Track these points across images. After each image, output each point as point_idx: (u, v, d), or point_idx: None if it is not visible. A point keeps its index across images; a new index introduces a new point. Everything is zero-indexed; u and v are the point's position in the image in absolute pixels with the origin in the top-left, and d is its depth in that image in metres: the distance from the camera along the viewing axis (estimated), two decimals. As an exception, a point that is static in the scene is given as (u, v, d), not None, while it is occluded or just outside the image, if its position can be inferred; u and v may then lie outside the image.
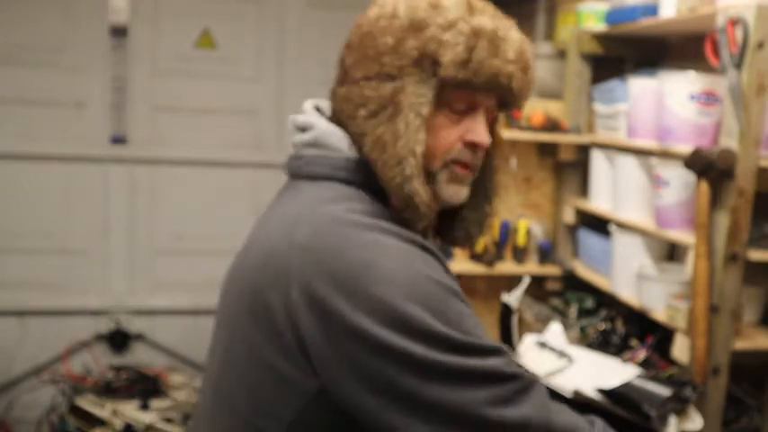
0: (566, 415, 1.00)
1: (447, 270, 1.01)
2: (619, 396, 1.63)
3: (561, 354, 1.90)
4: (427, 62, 0.97)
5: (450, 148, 1.01)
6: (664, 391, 1.66)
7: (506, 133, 2.54)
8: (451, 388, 0.89)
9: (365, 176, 1.00)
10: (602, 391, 1.65)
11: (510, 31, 1.01)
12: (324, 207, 0.96)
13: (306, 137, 1.04)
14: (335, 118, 1.05)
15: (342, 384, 0.91)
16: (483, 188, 1.11)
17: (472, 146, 1.01)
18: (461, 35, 0.96)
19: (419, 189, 0.97)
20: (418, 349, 0.88)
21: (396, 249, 0.93)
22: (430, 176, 1.01)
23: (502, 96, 1.03)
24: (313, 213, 0.96)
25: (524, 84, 1.02)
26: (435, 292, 0.92)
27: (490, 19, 1.00)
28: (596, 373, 1.79)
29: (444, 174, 1.02)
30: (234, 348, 1.00)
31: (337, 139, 1.02)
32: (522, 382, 0.94)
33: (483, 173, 1.10)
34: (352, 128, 1.01)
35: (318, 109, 1.09)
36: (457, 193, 1.04)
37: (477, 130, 1.01)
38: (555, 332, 2.07)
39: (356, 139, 1.01)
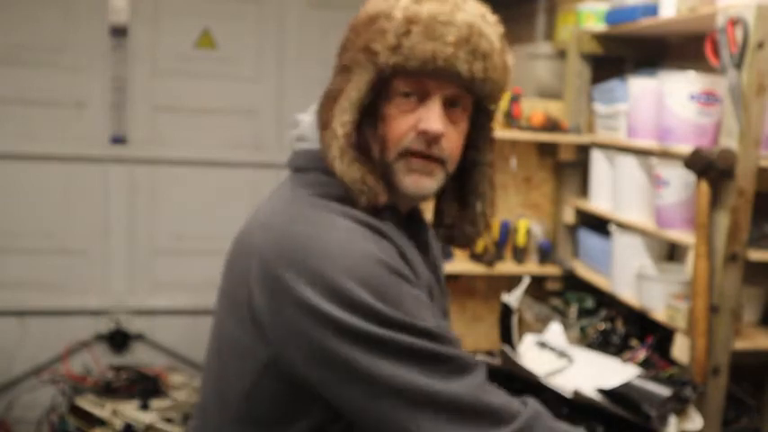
0: (499, 397, 1.01)
1: (403, 256, 1.02)
2: (619, 396, 1.63)
3: (561, 354, 1.90)
4: (368, 52, 1.00)
5: (401, 138, 1.01)
6: (664, 391, 1.66)
7: (506, 133, 2.54)
8: (386, 361, 0.92)
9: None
10: (602, 391, 1.65)
11: (456, 16, 0.99)
12: (294, 191, 1.03)
13: (294, 132, 1.11)
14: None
15: (289, 354, 0.95)
16: (474, 186, 1.11)
17: (425, 134, 1.00)
18: (394, 22, 0.99)
19: (344, 169, 0.99)
20: (355, 321, 0.91)
21: (344, 228, 0.97)
22: (388, 168, 1.02)
23: (463, 85, 1.01)
24: (281, 196, 1.04)
25: (477, 68, 0.99)
26: (377, 271, 0.94)
27: (436, 4, 0.99)
28: (596, 373, 1.79)
29: (401, 164, 1.02)
30: (215, 327, 1.08)
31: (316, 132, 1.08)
32: (458, 363, 0.97)
33: (473, 171, 1.10)
34: (321, 119, 1.07)
35: None
36: (417, 183, 1.02)
37: (429, 118, 1.00)
38: (555, 332, 2.07)
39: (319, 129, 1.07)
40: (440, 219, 1.14)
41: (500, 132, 2.53)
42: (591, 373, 1.79)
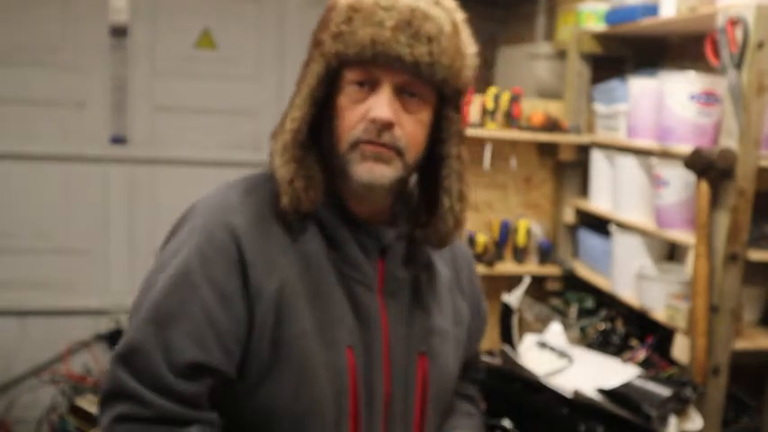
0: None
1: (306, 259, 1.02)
2: (619, 396, 1.63)
3: (561, 354, 1.90)
4: (317, 44, 1.01)
5: (352, 128, 0.99)
6: (664, 391, 1.66)
7: (506, 133, 2.54)
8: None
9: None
10: (602, 392, 1.65)
11: (399, 2, 0.97)
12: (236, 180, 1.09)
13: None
14: None
15: None
16: (441, 182, 1.06)
17: (373, 122, 0.97)
18: (338, 12, 0.98)
19: (279, 166, 0.99)
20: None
21: (213, 200, 1.04)
22: (343, 161, 1.00)
23: (412, 71, 0.97)
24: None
25: (420, 52, 0.96)
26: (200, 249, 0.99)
27: None
28: (596, 373, 1.79)
29: (354, 155, 0.99)
30: None
31: None
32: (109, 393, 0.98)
33: (440, 166, 1.06)
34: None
35: None
36: (371, 170, 0.98)
37: (377, 107, 0.97)
38: (555, 332, 2.07)
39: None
40: (414, 219, 1.10)
41: (500, 132, 2.53)
42: (591, 373, 1.79)
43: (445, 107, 1.04)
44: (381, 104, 0.97)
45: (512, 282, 2.22)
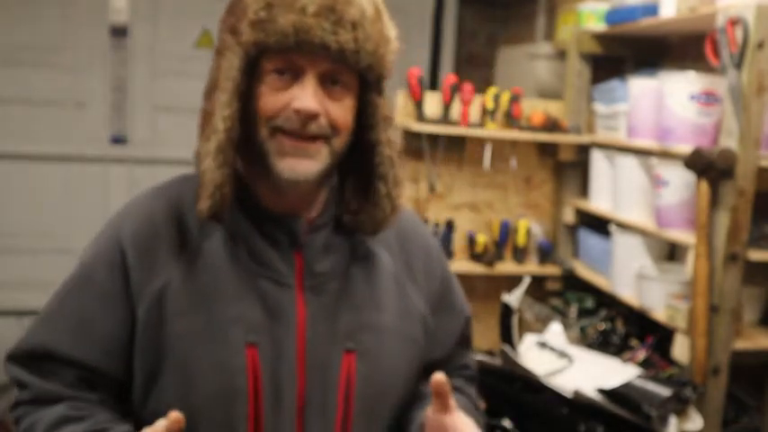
0: None
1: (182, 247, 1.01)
2: (619, 396, 1.64)
3: (561, 354, 1.90)
4: (233, 33, 0.96)
5: (273, 115, 0.94)
6: (664, 391, 1.67)
7: (506, 133, 2.54)
8: None
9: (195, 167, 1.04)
10: (601, 392, 1.66)
11: None
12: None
13: None
14: None
15: None
16: (374, 168, 1.03)
17: (298, 113, 0.93)
18: (257, 1, 0.93)
19: (211, 168, 0.94)
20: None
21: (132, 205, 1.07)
22: (260, 149, 0.96)
23: (336, 59, 0.94)
24: None
25: (345, 39, 0.93)
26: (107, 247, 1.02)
27: None
28: (597, 373, 1.79)
29: (272, 144, 0.95)
30: None
31: None
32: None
33: (371, 153, 1.03)
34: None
35: None
36: (292, 167, 0.95)
37: (301, 97, 0.93)
38: (555, 332, 2.07)
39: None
40: (346, 208, 1.06)
41: (500, 132, 2.53)
42: (591, 373, 1.80)
43: (368, 92, 1.01)
44: (306, 95, 0.93)
45: (512, 282, 2.22)
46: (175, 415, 0.85)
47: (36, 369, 1.01)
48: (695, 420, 1.70)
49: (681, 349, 1.93)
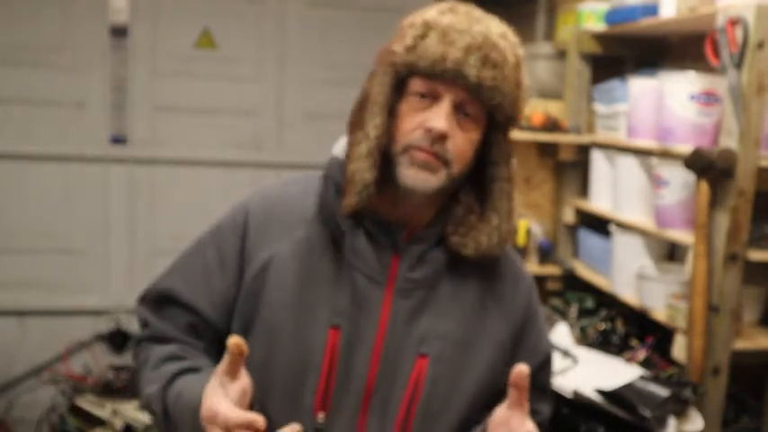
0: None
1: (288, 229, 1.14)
2: (616, 397, 1.63)
3: (566, 354, 1.91)
4: (389, 53, 1.08)
5: (408, 133, 1.06)
6: (662, 391, 1.66)
7: (506, 133, 2.54)
8: None
9: (331, 169, 1.15)
10: (600, 392, 1.66)
11: (474, 27, 1.05)
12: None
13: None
14: None
15: None
16: (493, 201, 1.13)
17: (429, 132, 1.04)
18: (414, 28, 1.07)
19: (362, 168, 1.06)
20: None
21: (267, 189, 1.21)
22: (393, 161, 1.07)
23: (472, 91, 1.05)
24: None
25: (485, 75, 1.04)
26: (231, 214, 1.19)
27: (459, 17, 1.06)
28: (601, 373, 1.79)
29: (405, 158, 1.06)
30: None
31: (339, 143, 1.18)
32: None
33: (492, 186, 1.13)
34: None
35: None
36: (415, 176, 1.06)
37: (434, 118, 1.04)
38: (561, 333, 2.08)
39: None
40: (454, 230, 1.14)
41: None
42: (596, 373, 1.80)
43: (496, 132, 1.11)
44: (439, 116, 1.04)
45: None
46: (235, 339, 0.95)
47: (158, 311, 1.18)
48: (695, 421, 1.69)
49: (681, 349, 1.93)
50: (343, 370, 1.08)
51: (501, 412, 1.05)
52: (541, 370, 1.24)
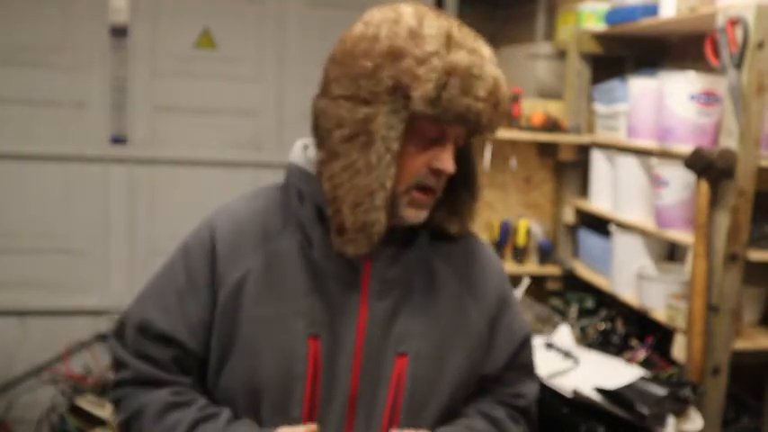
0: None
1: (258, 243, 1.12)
2: (615, 396, 1.64)
3: (567, 355, 1.91)
4: (400, 94, 1.00)
5: (415, 173, 1.06)
6: (660, 390, 1.67)
7: (507, 133, 2.54)
8: None
9: (292, 177, 1.15)
10: (599, 391, 1.66)
11: (485, 68, 1.03)
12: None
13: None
14: (315, 130, 1.11)
15: None
16: (463, 181, 1.15)
17: (438, 173, 1.06)
18: (434, 72, 0.98)
19: (381, 219, 1.04)
20: None
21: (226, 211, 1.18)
22: (395, 198, 1.06)
23: (472, 128, 1.06)
24: None
25: (494, 117, 1.05)
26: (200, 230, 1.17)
27: (467, 54, 1.01)
28: (602, 374, 1.79)
29: (406, 198, 1.06)
30: None
31: (295, 148, 1.18)
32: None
33: (465, 170, 1.15)
34: (327, 145, 1.06)
35: (306, 147, 1.18)
36: (416, 215, 1.08)
37: (444, 159, 1.05)
38: (563, 334, 2.08)
39: (327, 157, 1.06)
40: (430, 219, 1.15)
41: (500, 132, 2.53)
42: (596, 374, 1.80)
43: (473, 135, 1.12)
44: (448, 158, 1.05)
45: (512, 282, 2.22)
46: (311, 428, 0.99)
47: (136, 349, 1.12)
48: (695, 421, 1.69)
49: (680, 349, 1.93)
50: (326, 378, 1.09)
51: None
52: (522, 350, 1.26)
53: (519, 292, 1.88)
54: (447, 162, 1.05)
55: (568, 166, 2.75)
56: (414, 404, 1.12)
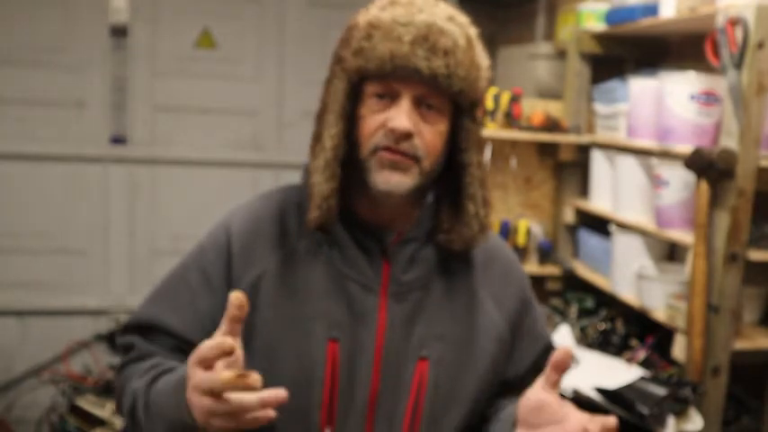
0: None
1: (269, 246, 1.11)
2: (614, 396, 1.64)
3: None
4: (339, 60, 1.07)
5: (372, 136, 1.04)
6: (659, 390, 1.67)
7: (506, 133, 2.54)
8: None
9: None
10: (600, 391, 1.66)
11: (417, 17, 1.02)
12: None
13: None
14: None
15: None
16: (464, 189, 1.10)
17: (392, 132, 1.02)
18: (358, 30, 1.04)
19: (319, 181, 1.05)
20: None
21: (243, 208, 1.17)
22: (363, 167, 1.05)
23: (429, 84, 1.02)
24: None
25: (437, 65, 1.01)
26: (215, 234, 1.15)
27: (400, 9, 1.03)
28: (602, 374, 1.79)
29: (373, 161, 1.04)
30: None
31: None
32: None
33: (462, 174, 1.10)
34: None
35: None
36: (388, 179, 1.04)
37: (396, 117, 1.02)
38: (563, 334, 2.08)
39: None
40: (439, 226, 1.13)
41: (500, 132, 2.53)
42: (596, 374, 1.80)
43: (462, 118, 1.08)
44: (400, 115, 1.02)
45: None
46: (237, 294, 0.89)
47: (143, 335, 1.12)
48: (695, 421, 1.70)
49: (681, 349, 1.93)
50: (346, 383, 1.07)
51: (534, 395, 1.01)
52: (545, 356, 1.22)
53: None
54: (397, 119, 1.01)
55: (568, 166, 2.75)
56: (435, 410, 1.10)
